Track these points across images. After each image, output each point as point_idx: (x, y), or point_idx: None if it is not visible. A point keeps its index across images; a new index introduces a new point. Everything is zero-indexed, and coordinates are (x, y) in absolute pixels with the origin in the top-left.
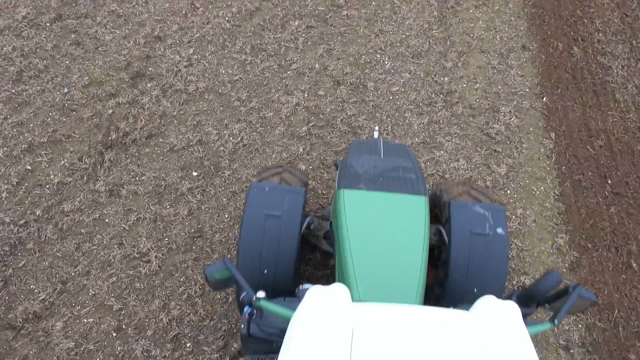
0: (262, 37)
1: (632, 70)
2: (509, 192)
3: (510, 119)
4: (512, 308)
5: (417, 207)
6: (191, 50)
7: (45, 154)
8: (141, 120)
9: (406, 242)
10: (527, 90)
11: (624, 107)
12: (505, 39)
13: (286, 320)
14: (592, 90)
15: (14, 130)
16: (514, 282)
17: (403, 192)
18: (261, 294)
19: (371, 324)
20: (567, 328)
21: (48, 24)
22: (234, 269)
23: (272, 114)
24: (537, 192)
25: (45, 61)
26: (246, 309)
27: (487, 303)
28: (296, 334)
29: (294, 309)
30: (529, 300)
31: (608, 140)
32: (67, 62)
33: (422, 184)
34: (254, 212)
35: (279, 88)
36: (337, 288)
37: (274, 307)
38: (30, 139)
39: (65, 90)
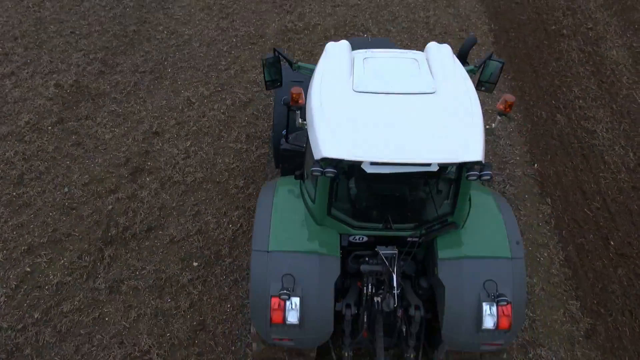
0: (256, 126)
1: (616, 132)
2: None
3: (504, 187)
4: (446, 45)
5: None
6: (188, 143)
7: (44, 254)
8: (140, 213)
9: None
10: (518, 158)
11: (614, 168)
12: (490, 111)
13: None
14: (581, 154)
15: (14, 232)
16: (530, 355)
17: None
18: (297, 89)
19: (362, 53)
20: None
21: (50, 128)
22: (281, 51)
23: None
24: (541, 258)
25: (46, 163)
26: (282, 140)
27: (431, 44)
28: (320, 65)
29: None
30: (461, 59)
31: (604, 202)
32: (68, 162)
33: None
34: (278, 98)
35: (276, 174)
36: (342, 42)
37: (307, 65)
38: (30, 240)
39: (66, 189)
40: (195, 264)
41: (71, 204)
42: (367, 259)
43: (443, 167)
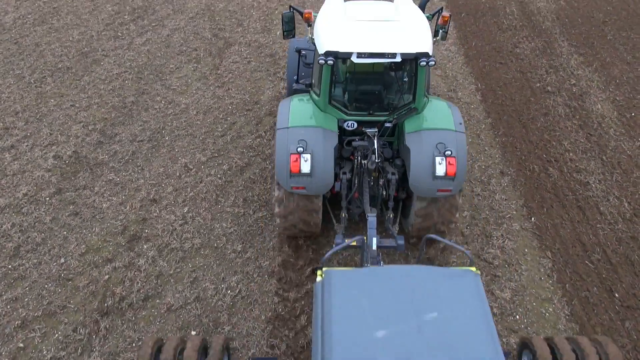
0: (253, 189)
1: (609, 183)
2: (517, 317)
3: (503, 242)
4: None
5: None
6: (186, 209)
7: (39, 328)
8: (137, 282)
9: None
10: (514, 212)
11: (611, 219)
12: (483, 167)
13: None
14: (577, 205)
15: (8, 306)
16: None
17: None
18: (309, 11)
19: (351, 2)
20: None
21: (47, 199)
22: (296, 7)
23: (268, 263)
24: (547, 314)
25: (43, 234)
26: (293, 84)
27: None
28: (323, 8)
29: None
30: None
31: (604, 253)
32: (65, 232)
33: None
34: (292, 48)
35: (273, 236)
36: None
37: (315, 13)
38: (24, 314)
39: (62, 260)
40: (193, 332)
41: (67, 275)
42: (356, 139)
43: (404, 58)
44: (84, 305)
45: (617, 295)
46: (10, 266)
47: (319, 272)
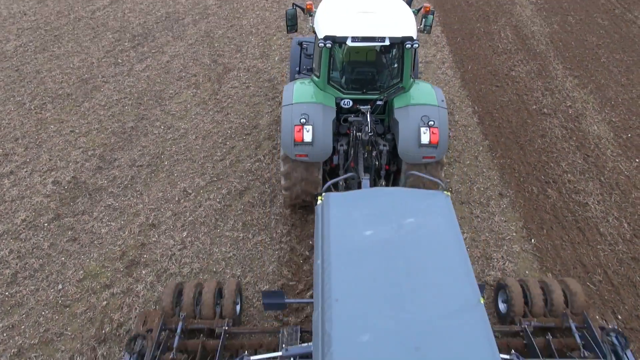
0: (252, 214)
1: (608, 204)
2: None
3: (504, 264)
4: None
5: None
6: (185, 233)
7: (35, 356)
8: (136, 308)
9: None
10: (514, 234)
11: (611, 240)
12: (482, 189)
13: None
14: (576, 227)
15: (4, 334)
16: None
17: None
18: (310, 2)
19: None
20: None
21: (46, 224)
22: (298, 4)
23: (267, 287)
24: None
25: (41, 260)
26: (295, 75)
27: None
28: (322, 3)
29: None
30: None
31: (605, 275)
32: (63, 258)
33: None
34: (294, 42)
35: (273, 260)
36: None
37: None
38: (20, 342)
39: (60, 286)
40: None
41: (64, 302)
42: (352, 116)
43: (392, 41)
44: (81, 332)
45: (620, 317)
46: (7, 293)
47: (319, 197)
